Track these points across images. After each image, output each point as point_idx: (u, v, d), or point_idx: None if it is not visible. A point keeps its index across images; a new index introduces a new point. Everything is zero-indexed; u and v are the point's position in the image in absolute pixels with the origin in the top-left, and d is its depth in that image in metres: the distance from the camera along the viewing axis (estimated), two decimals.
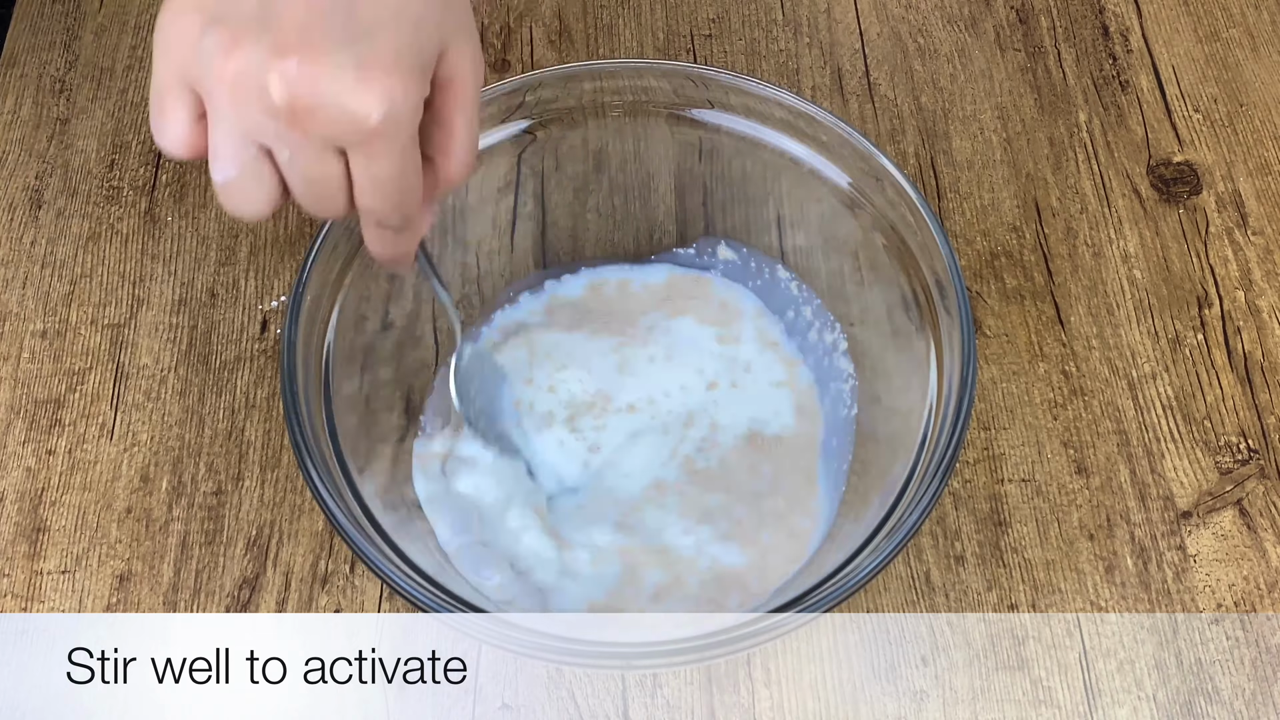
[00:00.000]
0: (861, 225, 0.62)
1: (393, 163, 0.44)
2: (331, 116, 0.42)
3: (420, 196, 0.47)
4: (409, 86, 0.42)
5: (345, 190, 0.45)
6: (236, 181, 0.44)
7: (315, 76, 0.41)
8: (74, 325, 0.69)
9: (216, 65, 0.42)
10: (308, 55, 0.41)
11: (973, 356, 0.55)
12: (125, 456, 0.65)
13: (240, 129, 0.43)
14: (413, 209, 0.47)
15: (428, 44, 0.44)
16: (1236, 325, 0.70)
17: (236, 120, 0.42)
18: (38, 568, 0.62)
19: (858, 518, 0.58)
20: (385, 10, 0.42)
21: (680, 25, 0.81)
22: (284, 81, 0.41)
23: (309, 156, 0.43)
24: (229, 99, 0.42)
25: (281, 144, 0.43)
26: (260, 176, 0.44)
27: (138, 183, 0.74)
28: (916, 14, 0.82)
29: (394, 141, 0.43)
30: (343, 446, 0.56)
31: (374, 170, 0.44)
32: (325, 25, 0.41)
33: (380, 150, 0.43)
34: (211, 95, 0.43)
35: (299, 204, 0.46)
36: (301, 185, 0.44)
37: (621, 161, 0.67)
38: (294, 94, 0.41)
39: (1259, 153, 0.76)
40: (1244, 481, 0.65)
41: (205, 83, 0.42)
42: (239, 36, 0.41)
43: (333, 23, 0.41)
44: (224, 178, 0.44)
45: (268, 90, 0.41)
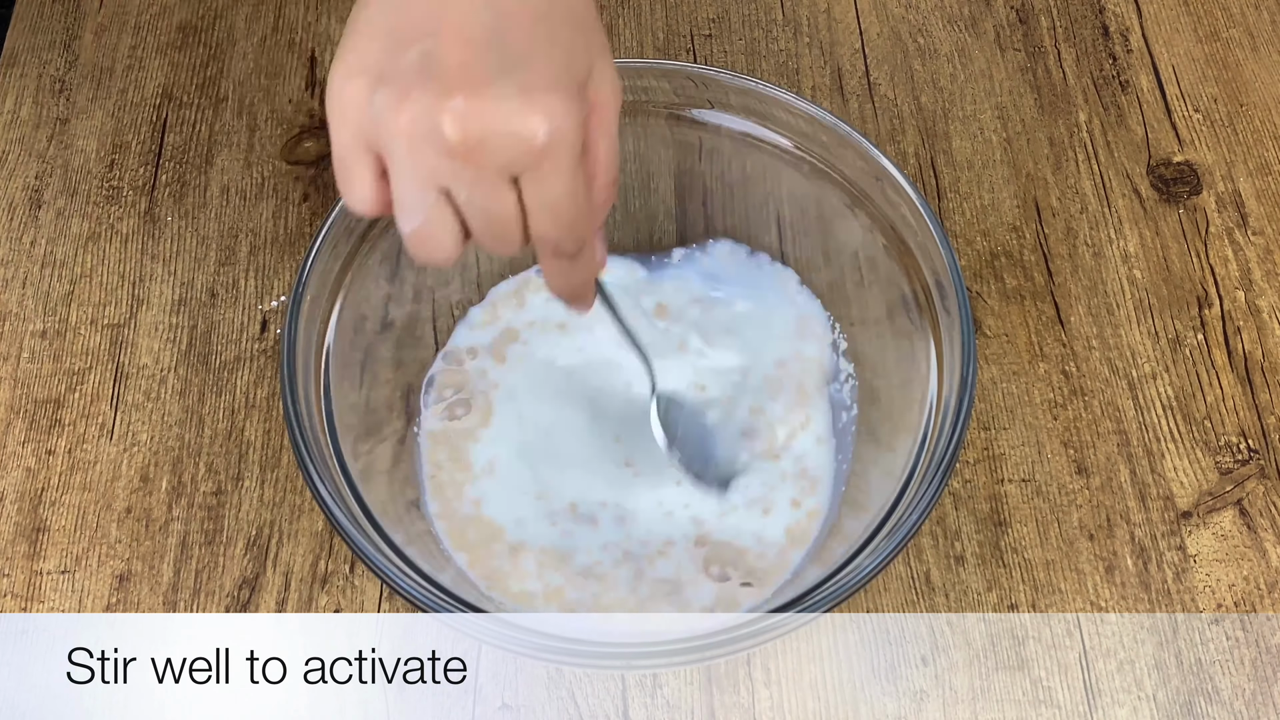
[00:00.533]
0: (861, 225, 0.62)
1: (563, 182, 0.45)
2: (502, 143, 0.43)
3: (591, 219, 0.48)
4: (569, 105, 0.44)
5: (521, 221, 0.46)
6: (423, 228, 0.46)
7: (482, 108, 0.42)
8: (74, 325, 0.69)
9: (390, 120, 0.43)
10: (472, 90, 0.42)
11: (973, 356, 0.55)
12: (125, 456, 0.65)
13: (420, 176, 0.44)
14: (585, 232, 0.48)
15: (578, 67, 0.45)
16: (1236, 325, 0.70)
17: (416, 168, 0.44)
18: (38, 568, 0.62)
19: (858, 518, 0.58)
20: (538, 39, 0.44)
21: (680, 25, 0.81)
22: (454, 118, 0.42)
23: (485, 190, 0.44)
24: (407, 149, 0.44)
25: (459, 183, 0.44)
26: (444, 220, 0.46)
27: (138, 183, 0.74)
28: (916, 14, 0.82)
29: (561, 159, 0.44)
30: (343, 446, 0.56)
31: (545, 192, 0.45)
32: (484, 61, 0.43)
33: (549, 170, 0.44)
34: (390, 149, 0.44)
35: (480, 243, 0.47)
36: (481, 221, 0.46)
37: (621, 161, 0.67)
38: (465, 128, 0.43)
39: (1259, 153, 0.76)
40: (1244, 481, 0.65)
41: (383, 139, 0.44)
42: (407, 89, 0.43)
43: (490, 58, 0.43)
44: (411, 227, 0.46)
45: (441, 130, 0.43)
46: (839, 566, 0.52)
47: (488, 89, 0.43)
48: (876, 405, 0.63)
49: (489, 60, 0.43)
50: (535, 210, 0.46)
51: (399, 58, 0.43)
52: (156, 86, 0.78)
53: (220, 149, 0.76)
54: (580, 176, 0.46)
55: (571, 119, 0.44)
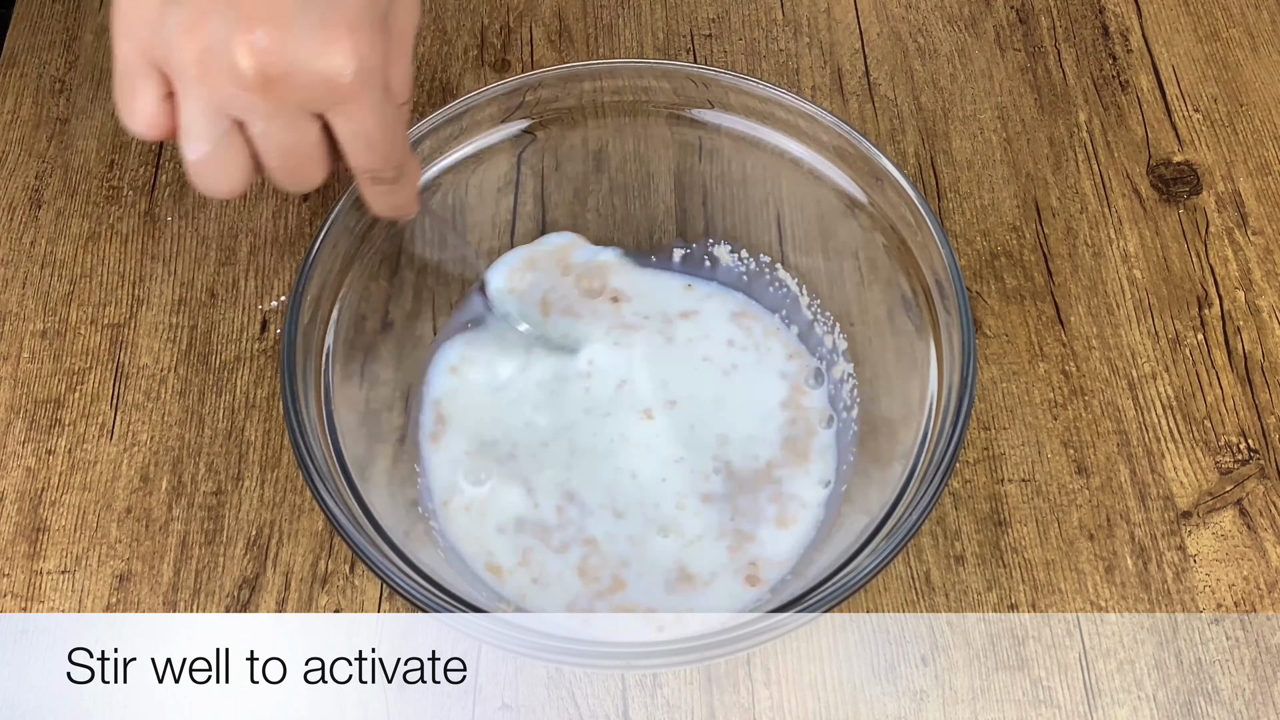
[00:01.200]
0: (861, 225, 0.62)
1: (375, 116, 0.44)
2: (305, 81, 0.42)
3: (407, 143, 0.47)
4: (374, 41, 0.43)
5: (322, 158, 0.45)
6: (210, 156, 0.44)
7: (284, 42, 0.41)
8: (74, 325, 0.69)
9: (182, 42, 0.42)
10: (273, 23, 0.41)
11: (973, 356, 0.55)
12: (125, 456, 0.65)
13: (211, 104, 0.43)
14: (403, 156, 0.47)
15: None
16: (1236, 325, 0.70)
17: (207, 95, 0.43)
18: (38, 568, 0.62)
19: (857, 518, 0.58)
20: None
21: (680, 25, 0.81)
22: (253, 52, 0.41)
23: (284, 124, 0.43)
24: (198, 75, 0.42)
25: (255, 115, 0.43)
26: (233, 150, 0.44)
27: (138, 183, 0.74)
28: (916, 14, 0.82)
29: (371, 95, 0.43)
30: (343, 446, 0.56)
31: (358, 127, 0.44)
32: None
33: (360, 107, 0.43)
34: (179, 73, 0.42)
35: (274, 178, 0.46)
36: (277, 156, 0.45)
37: (621, 161, 0.67)
38: (264, 62, 0.41)
39: (1259, 153, 0.76)
40: (1244, 481, 0.65)
41: (172, 61, 0.42)
42: (203, 12, 0.41)
43: None
44: (197, 154, 0.44)
45: (237, 62, 0.41)
46: (839, 566, 0.52)
47: (291, 23, 0.41)
48: (876, 405, 0.63)
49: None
50: (349, 144, 0.45)
51: None
52: None
53: None
54: (389, 105, 0.45)
55: (377, 54, 0.43)
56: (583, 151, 0.66)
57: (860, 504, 0.59)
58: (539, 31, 0.81)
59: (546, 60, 0.80)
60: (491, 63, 0.80)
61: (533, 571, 0.60)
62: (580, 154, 0.66)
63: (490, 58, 0.80)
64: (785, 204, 0.66)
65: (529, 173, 0.66)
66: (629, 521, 0.61)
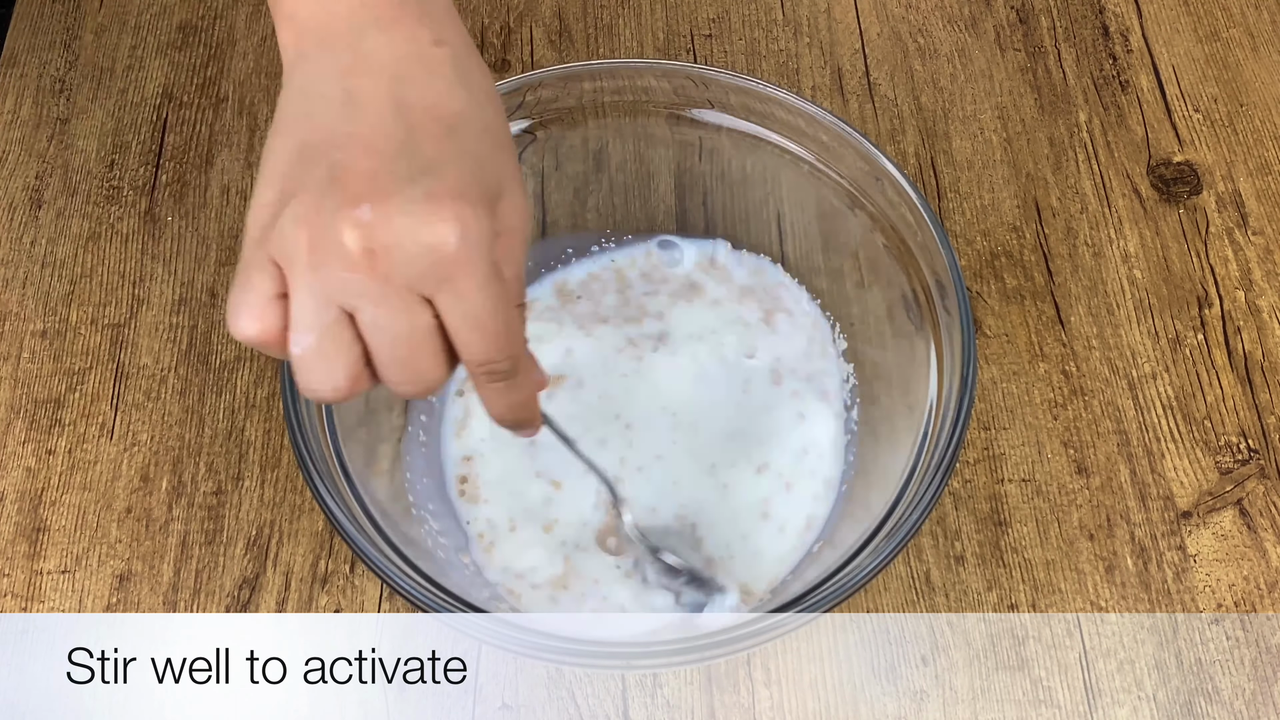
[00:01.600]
0: (861, 225, 0.62)
1: (484, 293, 0.41)
2: (410, 254, 0.40)
3: (523, 335, 0.44)
4: (479, 213, 0.41)
5: (436, 350, 0.42)
6: (315, 348, 0.41)
7: (388, 215, 0.40)
8: (74, 325, 0.69)
9: (295, 231, 0.40)
10: (378, 199, 0.40)
11: (973, 356, 0.55)
12: (125, 456, 0.65)
13: (320, 292, 0.41)
14: (518, 347, 0.44)
15: (490, 180, 0.43)
16: (1236, 325, 0.70)
17: (315, 283, 0.41)
18: (38, 568, 0.62)
19: (858, 518, 0.58)
20: (448, 148, 0.42)
21: (680, 25, 0.81)
22: (357, 227, 0.40)
23: (392, 308, 0.41)
24: (307, 261, 0.40)
25: (363, 299, 0.41)
26: (340, 342, 0.41)
27: (138, 183, 0.74)
28: (916, 14, 0.82)
29: (478, 269, 0.41)
30: (343, 446, 0.56)
31: (466, 307, 0.41)
32: (391, 170, 0.40)
33: (467, 282, 0.41)
34: (290, 262, 0.41)
35: (387, 377, 0.43)
36: (388, 347, 0.42)
37: (621, 161, 0.67)
38: (369, 237, 0.40)
39: (1259, 153, 0.76)
40: (1244, 481, 0.65)
41: (285, 251, 0.41)
42: (317, 201, 0.40)
43: (398, 167, 0.41)
44: (302, 348, 0.41)
45: (343, 241, 0.40)
46: (839, 566, 0.52)
47: (395, 197, 0.40)
48: (876, 405, 0.63)
49: (397, 169, 0.40)
50: (458, 328, 0.42)
51: (309, 171, 0.41)
52: (156, 86, 0.78)
53: (220, 149, 0.76)
54: (501, 287, 0.42)
55: (483, 226, 0.41)
56: (583, 151, 0.66)
57: (860, 504, 0.59)
58: (539, 31, 0.81)
59: (546, 60, 0.80)
60: (491, 63, 0.80)
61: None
62: (580, 154, 0.66)
63: (490, 58, 0.80)
64: (785, 204, 0.66)
65: (529, 173, 0.66)
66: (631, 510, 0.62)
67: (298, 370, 0.42)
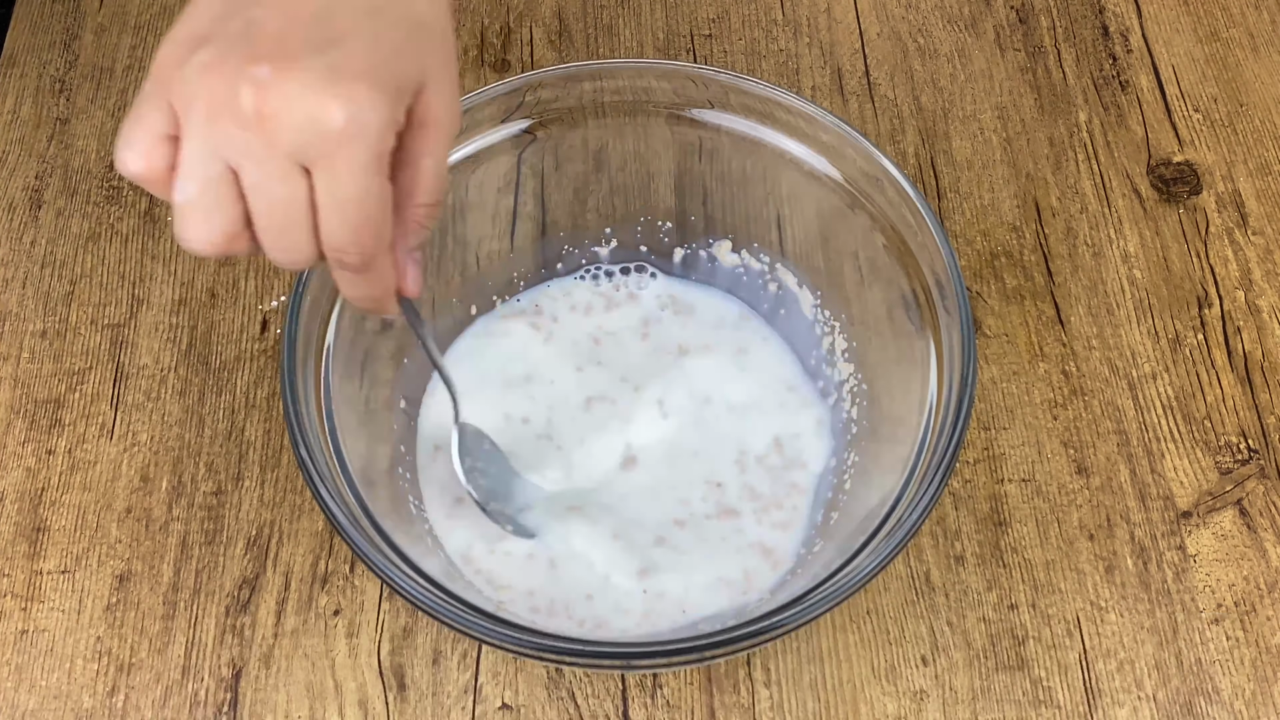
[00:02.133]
0: (861, 225, 0.62)
1: (354, 180, 0.41)
2: (295, 122, 0.40)
3: (385, 235, 0.44)
4: (377, 100, 0.41)
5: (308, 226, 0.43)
6: (196, 200, 0.42)
7: (284, 80, 0.40)
8: (74, 325, 0.69)
9: (197, 78, 0.41)
10: (280, 62, 0.40)
11: (973, 356, 0.55)
12: (125, 456, 0.65)
13: (209, 143, 0.41)
14: (374, 247, 0.44)
15: (405, 72, 0.43)
16: (1236, 325, 0.70)
17: (207, 133, 0.41)
18: (38, 568, 0.62)
19: (858, 517, 0.58)
20: (364, 27, 0.42)
21: (680, 25, 0.81)
22: (254, 86, 0.40)
23: (272, 173, 0.41)
24: (203, 110, 0.41)
25: (248, 159, 0.41)
26: (221, 198, 0.42)
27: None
28: (916, 14, 0.82)
29: (357, 153, 0.41)
30: (343, 447, 0.56)
31: (335, 188, 0.42)
32: (302, 34, 0.41)
33: (342, 164, 0.41)
34: (186, 108, 0.41)
35: (262, 241, 0.43)
36: (265, 214, 0.42)
37: (621, 161, 0.67)
38: (262, 98, 0.40)
39: (1259, 153, 0.76)
40: (1244, 481, 0.65)
41: (184, 96, 0.41)
42: (222, 53, 0.41)
43: (310, 32, 0.41)
44: (184, 196, 0.42)
45: (238, 96, 0.40)
46: (839, 566, 0.52)
47: (296, 63, 0.40)
48: (876, 405, 0.63)
49: (309, 35, 0.41)
50: (322, 205, 0.42)
51: (228, 21, 0.41)
52: None
53: None
54: (379, 183, 0.42)
55: (377, 114, 0.41)
56: (583, 151, 0.66)
57: (860, 504, 0.59)
58: (539, 31, 0.81)
59: (546, 60, 0.80)
60: (491, 63, 0.80)
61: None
62: (580, 154, 0.66)
63: (490, 58, 0.80)
64: (785, 204, 0.66)
65: (529, 173, 0.66)
66: (623, 510, 0.62)
67: (177, 219, 0.43)
